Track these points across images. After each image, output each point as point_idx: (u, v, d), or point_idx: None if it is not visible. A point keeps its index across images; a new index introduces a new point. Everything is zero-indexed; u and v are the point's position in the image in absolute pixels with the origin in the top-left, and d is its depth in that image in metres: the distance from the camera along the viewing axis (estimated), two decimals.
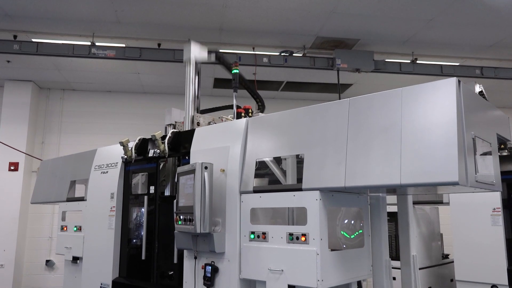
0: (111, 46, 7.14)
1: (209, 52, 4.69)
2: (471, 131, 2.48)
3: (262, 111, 4.65)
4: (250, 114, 3.96)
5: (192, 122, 4.34)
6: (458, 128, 2.35)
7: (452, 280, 6.30)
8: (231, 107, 4.26)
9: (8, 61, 8.04)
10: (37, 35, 7.06)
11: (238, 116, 3.92)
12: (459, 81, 2.45)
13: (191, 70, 4.54)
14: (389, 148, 2.57)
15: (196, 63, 4.63)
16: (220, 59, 4.91)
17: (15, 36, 7.00)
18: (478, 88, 4.99)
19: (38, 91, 9.63)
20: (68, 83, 9.41)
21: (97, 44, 7.10)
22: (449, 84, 2.45)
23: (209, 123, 4.33)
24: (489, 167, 2.74)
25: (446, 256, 6.71)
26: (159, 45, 7.40)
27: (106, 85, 9.62)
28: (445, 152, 2.33)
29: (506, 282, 4.96)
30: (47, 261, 9.07)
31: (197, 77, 4.68)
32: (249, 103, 7.16)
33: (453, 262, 5.76)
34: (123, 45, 7.25)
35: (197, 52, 4.59)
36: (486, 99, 3.79)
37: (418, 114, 2.52)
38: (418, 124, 2.50)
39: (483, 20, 6.58)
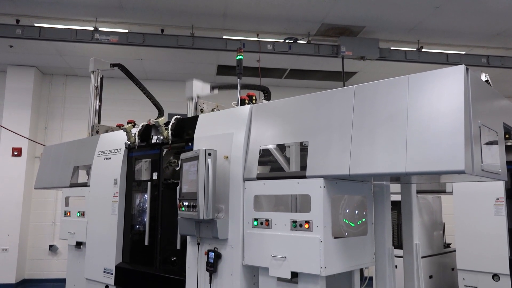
0: (114, 31, 7.10)
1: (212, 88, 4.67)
2: (478, 120, 2.46)
3: (268, 99, 4.63)
4: (254, 101, 3.93)
5: (196, 108, 4.32)
6: (466, 116, 2.32)
7: (453, 269, 6.33)
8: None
9: (11, 46, 8.01)
10: (40, 20, 7.02)
11: (242, 103, 3.89)
12: (467, 69, 2.42)
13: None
14: (394, 136, 2.54)
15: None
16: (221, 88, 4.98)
17: (17, 21, 6.95)
18: (484, 78, 4.94)
19: (41, 76, 9.60)
20: (70, 68, 9.38)
21: (100, 29, 7.06)
22: (457, 72, 2.42)
23: (212, 110, 4.29)
24: (495, 156, 2.72)
25: (447, 245, 6.73)
26: (162, 30, 7.34)
27: (108, 71, 9.56)
28: (452, 140, 2.31)
29: (508, 272, 4.97)
30: (51, 246, 9.15)
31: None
32: (253, 89, 7.15)
33: (454, 251, 5.78)
34: (126, 31, 7.21)
35: (199, 89, 4.57)
36: None
37: (425, 102, 2.49)
38: (425, 112, 2.47)
39: (490, 9, 6.49)
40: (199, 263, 3.50)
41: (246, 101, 3.88)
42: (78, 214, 5.14)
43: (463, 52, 8.06)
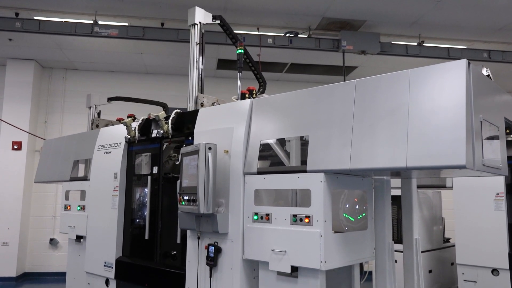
0: (114, 25, 7.07)
1: (214, 17, 4.71)
2: (479, 115, 2.45)
3: (263, 92, 4.62)
4: (254, 96, 3.92)
5: (196, 102, 4.31)
6: (467, 111, 2.31)
7: (452, 264, 6.34)
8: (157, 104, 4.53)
9: (10, 39, 7.97)
10: (39, 13, 6.98)
11: (242, 97, 3.88)
12: (469, 63, 2.41)
13: (195, 33, 4.66)
14: (395, 130, 2.54)
15: (200, 29, 4.68)
16: (224, 25, 4.93)
17: (17, 14, 6.92)
18: (485, 72, 4.92)
19: (41, 70, 9.58)
20: (70, 62, 9.35)
21: (99, 22, 7.03)
22: (459, 66, 2.41)
23: (212, 104, 4.28)
24: (496, 151, 2.72)
25: (447, 240, 6.75)
26: (162, 24, 7.31)
27: (108, 65, 9.55)
28: (453, 135, 2.30)
29: (507, 266, 4.99)
30: (51, 239, 9.17)
31: (201, 57, 4.63)
32: (253, 84, 7.13)
33: (454, 246, 5.79)
34: (126, 24, 7.17)
35: (201, 17, 4.60)
36: None
37: (426, 96, 2.48)
38: (426, 107, 2.46)
39: (491, 3, 6.46)
40: (199, 257, 3.51)
41: (247, 95, 3.86)
42: (78, 208, 5.14)
43: (465, 47, 8.03)
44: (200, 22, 4.88)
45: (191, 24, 4.65)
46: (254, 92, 3.96)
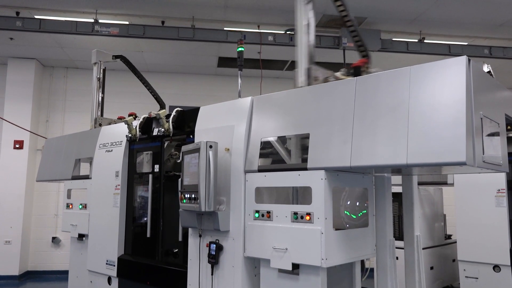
0: (114, 23, 7.07)
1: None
2: (479, 111, 2.45)
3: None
4: (361, 72, 3.30)
5: (309, 76, 3.45)
6: (467, 107, 2.31)
7: (454, 260, 6.35)
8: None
9: (11, 38, 7.98)
10: (40, 12, 6.98)
11: (356, 71, 3.35)
12: (469, 60, 2.40)
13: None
14: (396, 127, 2.54)
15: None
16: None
17: (17, 13, 6.92)
18: (486, 68, 4.92)
19: (42, 69, 9.59)
20: (71, 61, 9.36)
21: (100, 21, 7.03)
22: (459, 63, 2.40)
23: (326, 79, 3.46)
24: (497, 148, 2.71)
25: (448, 237, 6.75)
26: (163, 22, 7.31)
27: (109, 64, 9.54)
28: (453, 131, 2.30)
29: (509, 263, 4.99)
30: (53, 238, 9.20)
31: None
32: (253, 82, 7.14)
33: (455, 242, 5.79)
34: (127, 23, 7.17)
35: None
36: None
37: (426, 93, 2.48)
38: (426, 104, 2.46)
39: None
40: (200, 255, 3.52)
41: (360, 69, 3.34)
42: (80, 206, 5.16)
43: (465, 43, 8.01)
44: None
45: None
46: (365, 67, 3.40)
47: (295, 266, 2.90)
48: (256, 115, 3.38)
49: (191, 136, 3.85)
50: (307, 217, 2.87)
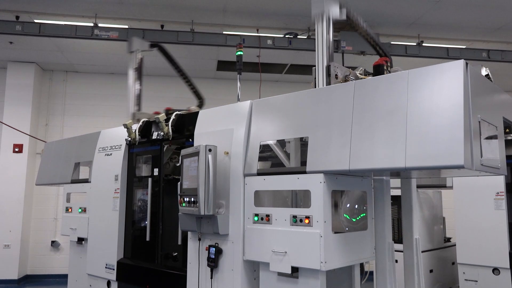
0: (114, 27, 7.08)
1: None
2: (477, 114, 2.46)
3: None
4: (387, 69, 3.28)
5: (328, 74, 3.36)
6: (465, 111, 2.32)
7: (453, 263, 6.35)
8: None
9: (11, 42, 8.00)
10: (39, 16, 7.00)
11: (377, 69, 3.34)
12: (466, 63, 2.42)
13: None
14: (394, 131, 2.55)
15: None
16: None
17: (17, 17, 6.94)
18: (484, 72, 4.92)
19: (41, 73, 9.60)
20: (71, 65, 9.37)
21: (99, 25, 7.04)
22: (457, 66, 2.42)
23: (346, 78, 3.41)
24: (495, 151, 2.73)
25: (448, 240, 6.75)
26: (162, 26, 7.33)
27: (109, 67, 9.58)
28: (451, 135, 2.31)
29: (508, 266, 4.99)
30: (53, 242, 9.19)
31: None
32: (252, 85, 7.16)
33: (455, 245, 5.79)
34: (126, 27, 7.19)
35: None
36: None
37: (424, 97, 2.50)
38: (424, 107, 2.47)
39: (490, 2, 6.47)
40: (200, 259, 3.52)
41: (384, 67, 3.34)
42: (80, 210, 5.16)
43: (464, 46, 8.04)
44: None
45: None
46: (387, 65, 3.34)
47: (295, 270, 2.91)
48: (255, 119, 3.39)
49: (191, 140, 3.85)
50: (306, 221, 2.87)
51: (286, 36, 7.48)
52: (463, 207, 5.48)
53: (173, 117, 4.12)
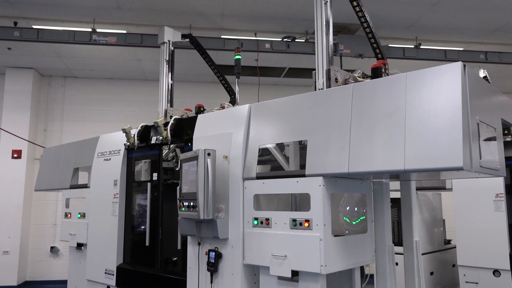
0: (112, 32, 7.09)
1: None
2: (476, 116, 2.46)
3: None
4: (385, 71, 3.31)
5: (329, 77, 3.39)
6: (463, 113, 2.33)
7: (454, 265, 6.34)
8: None
9: (9, 48, 8.00)
10: (38, 22, 7.01)
11: (373, 72, 3.32)
12: (464, 66, 2.42)
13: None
14: (393, 133, 2.55)
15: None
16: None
17: (15, 23, 6.95)
18: (482, 73, 4.93)
19: (40, 78, 9.60)
20: (69, 70, 9.38)
21: (98, 30, 7.05)
22: (454, 69, 2.42)
23: (345, 81, 3.45)
24: (494, 152, 2.72)
25: (448, 242, 6.74)
26: None
27: (107, 72, 9.58)
28: (450, 137, 2.31)
29: (508, 267, 4.98)
30: (52, 247, 9.16)
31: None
32: (251, 89, 7.16)
33: (455, 247, 5.79)
34: (124, 32, 7.20)
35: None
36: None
37: (423, 99, 2.50)
38: (423, 109, 2.48)
39: (487, 4, 6.49)
40: (200, 263, 3.51)
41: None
42: (79, 215, 5.15)
43: (461, 49, 8.06)
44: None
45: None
46: (385, 68, 3.39)
47: (295, 273, 2.90)
48: (254, 122, 3.39)
49: (189, 144, 3.85)
50: (306, 224, 2.87)
51: (284, 39, 7.50)
52: (463, 209, 5.48)
53: (171, 121, 4.13)
